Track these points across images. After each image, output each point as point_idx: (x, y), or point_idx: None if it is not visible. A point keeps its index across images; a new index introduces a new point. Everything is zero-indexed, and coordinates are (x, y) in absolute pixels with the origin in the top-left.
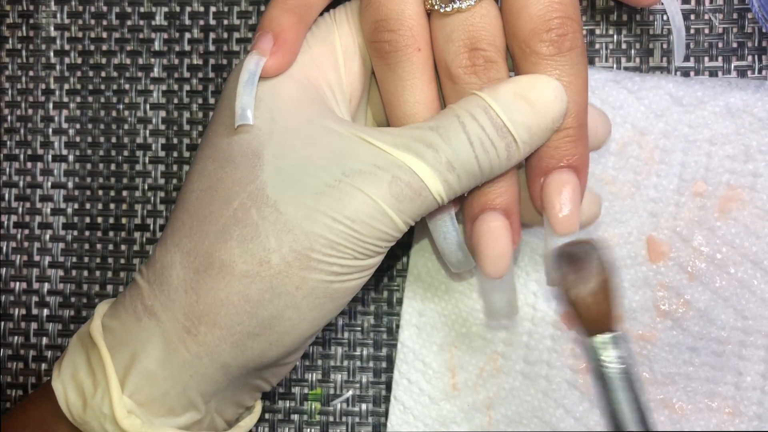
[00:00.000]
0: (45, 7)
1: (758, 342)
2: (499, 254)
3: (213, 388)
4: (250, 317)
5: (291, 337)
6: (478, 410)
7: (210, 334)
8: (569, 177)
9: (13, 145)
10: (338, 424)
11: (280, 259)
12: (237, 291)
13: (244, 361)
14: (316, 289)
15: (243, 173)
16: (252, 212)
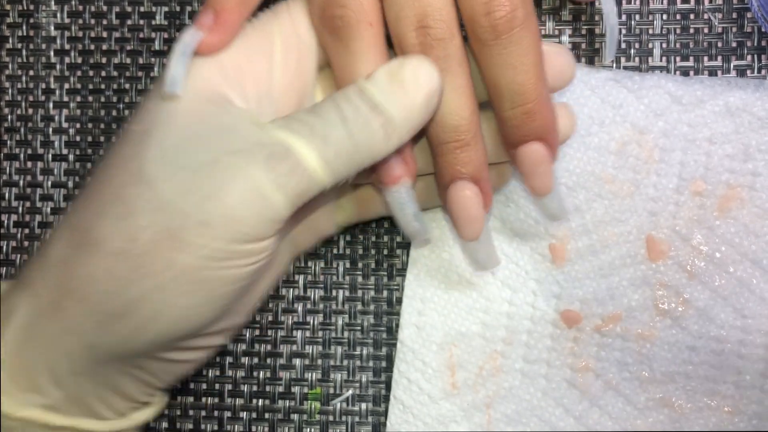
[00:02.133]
0: (45, 7)
1: (757, 341)
2: (472, 219)
3: (81, 368)
4: (115, 296)
5: (159, 323)
6: (478, 409)
7: (76, 310)
8: (537, 148)
9: (14, 145)
10: (338, 423)
11: (149, 238)
12: (105, 268)
13: (110, 343)
14: (186, 272)
15: (131, 150)
16: (130, 189)
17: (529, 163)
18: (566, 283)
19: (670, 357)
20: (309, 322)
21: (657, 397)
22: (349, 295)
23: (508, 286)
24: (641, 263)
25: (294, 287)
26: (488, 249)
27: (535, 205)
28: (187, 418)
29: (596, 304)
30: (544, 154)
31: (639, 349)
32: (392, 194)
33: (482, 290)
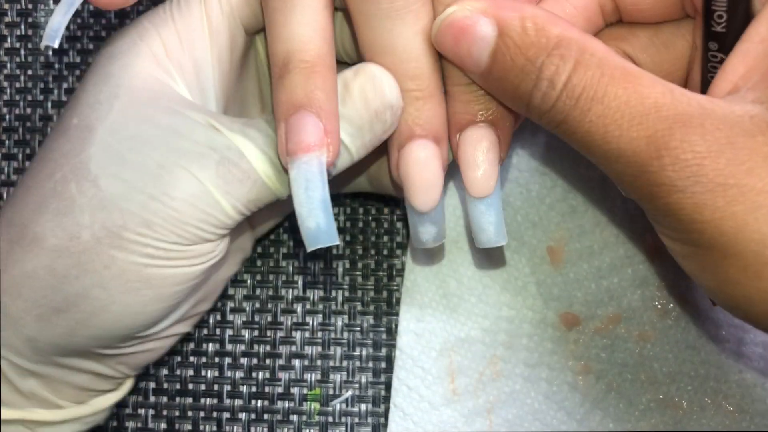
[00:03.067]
0: (44, 6)
1: (757, 339)
2: (428, 185)
3: (24, 362)
4: (54, 292)
5: (101, 319)
6: (479, 414)
7: (13, 306)
8: (485, 133)
9: (12, 145)
10: (337, 424)
11: (91, 236)
12: (44, 264)
13: (51, 337)
14: (128, 271)
15: (72, 146)
16: (71, 186)
17: (472, 151)
18: (565, 286)
19: (671, 357)
20: (308, 323)
21: (659, 397)
22: (348, 296)
23: (507, 290)
24: (640, 263)
25: (293, 288)
26: (438, 224)
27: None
28: (186, 419)
29: (596, 306)
30: (493, 142)
31: (640, 350)
32: (299, 167)
33: (481, 295)
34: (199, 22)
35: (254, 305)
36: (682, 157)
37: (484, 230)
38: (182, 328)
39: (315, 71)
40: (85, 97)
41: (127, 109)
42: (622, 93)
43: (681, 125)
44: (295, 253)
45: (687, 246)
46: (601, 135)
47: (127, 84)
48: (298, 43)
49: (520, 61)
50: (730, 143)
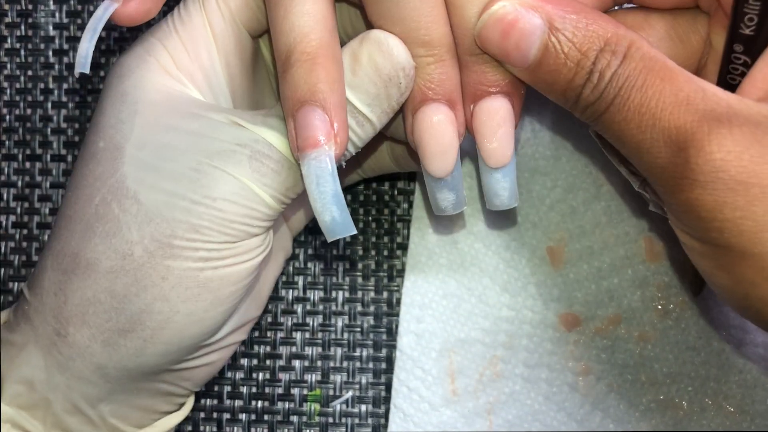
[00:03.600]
0: (44, 7)
1: (758, 339)
2: (444, 149)
3: (95, 390)
4: (117, 313)
5: (167, 332)
6: (479, 415)
7: (79, 335)
8: (501, 103)
9: (12, 145)
10: (338, 425)
11: (143, 251)
12: (103, 288)
13: (119, 360)
14: (185, 278)
15: (104, 168)
16: (113, 206)
17: (488, 122)
18: (565, 286)
19: (672, 358)
20: (308, 324)
21: (659, 398)
22: (348, 296)
23: (507, 290)
24: (640, 264)
25: (293, 288)
26: (457, 190)
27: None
28: (186, 420)
29: (596, 307)
30: (508, 113)
31: (640, 351)
32: (309, 163)
33: (481, 296)
34: (202, 30)
35: None
36: (707, 149)
37: (499, 196)
38: (239, 336)
39: (317, 63)
40: (106, 120)
41: (150, 123)
42: (659, 84)
43: (710, 120)
44: (296, 254)
45: (705, 244)
46: (636, 124)
47: (144, 98)
48: (298, 35)
49: (574, 55)
50: (757, 141)
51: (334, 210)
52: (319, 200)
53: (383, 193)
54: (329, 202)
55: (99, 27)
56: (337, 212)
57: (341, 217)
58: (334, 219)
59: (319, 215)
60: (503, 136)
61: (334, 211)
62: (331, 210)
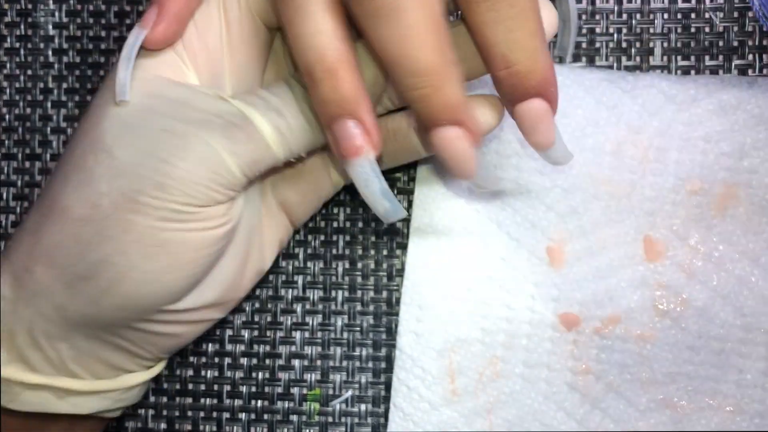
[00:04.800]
0: (43, 6)
1: (758, 339)
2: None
3: (55, 329)
4: (79, 259)
5: (123, 287)
6: (479, 415)
7: (46, 274)
8: (537, 105)
9: (11, 144)
10: (337, 424)
11: (110, 203)
12: (71, 233)
13: (78, 304)
14: (145, 235)
15: (90, 124)
16: (89, 158)
17: (529, 121)
18: (564, 286)
19: (671, 357)
20: (308, 323)
21: (658, 398)
22: (348, 296)
23: (507, 290)
24: (639, 264)
25: (293, 288)
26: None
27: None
28: (186, 419)
29: (595, 307)
30: (545, 110)
31: (639, 351)
32: (354, 169)
33: (480, 295)
34: (216, 12)
35: (254, 305)
36: None
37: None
38: (213, 314)
39: (338, 77)
40: (106, 81)
41: (139, 87)
42: None
43: None
44: (295, 253)
45: None
46: None
47: (143, 65)
48: (314, 54)
49: None
50: None
51: (386, 203)
52: (370, 197)
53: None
54: (379, 197)
55: (133, 55)
56: (388, 204)
57: (392, 206)
58: (386, 210)
59: (373, 208)
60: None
61: (386, 203)
62: (383, 203)
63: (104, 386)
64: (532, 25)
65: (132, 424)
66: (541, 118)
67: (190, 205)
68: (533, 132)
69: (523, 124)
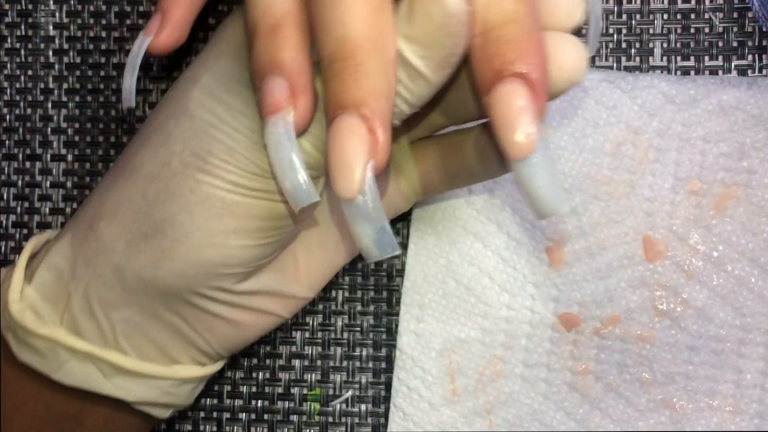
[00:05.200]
0: (44, 6)
1: (757, 339)
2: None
3: (111, 295)
4: (144, 216)
5: (185, 248)
6: (479, 415)
7: (108, 230)
8: (515, 87)
9: (12, 145)
10: (338, 424)
11: (180, 162)
12: (139, 190)
13: (136, 265)
14: (211, 196)
15: (178, 92)
16: (170, 122)
17: (502, 109)
18: (564, 286)
19: (670, 357)
20: (308, 323)
21: (658, 398)
22: (348, 296)
23: (506, 290)
24: (639, 264)
25: None
26: (375, 224)
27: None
28: (186, 419)
29: (595, 307)
30: (525, 97)
31: (639, 351)
32: (267, 129)
33: (480, 295)
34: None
35: None
36: None
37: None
38: (274, 306)
39: (277, 32)
40: (200, 56)
41: (227, 58)
42: None
43: None
44: None
45: None
46: None
47: (233, 44)
48: (262, 8)
49: None
50: None
51: (293, 176)
52: (279, 167)
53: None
54: (287, 168)
55: (137, 63)
56: (297, 178)
57: (303, 183)
58: (294, 186)
59: (279, 183)
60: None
61: (293, 177)
62: (290, 177)
63: (154, 370)
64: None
65: None
66: (522, 108)
67: (257, 175)
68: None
69: (496, 114)
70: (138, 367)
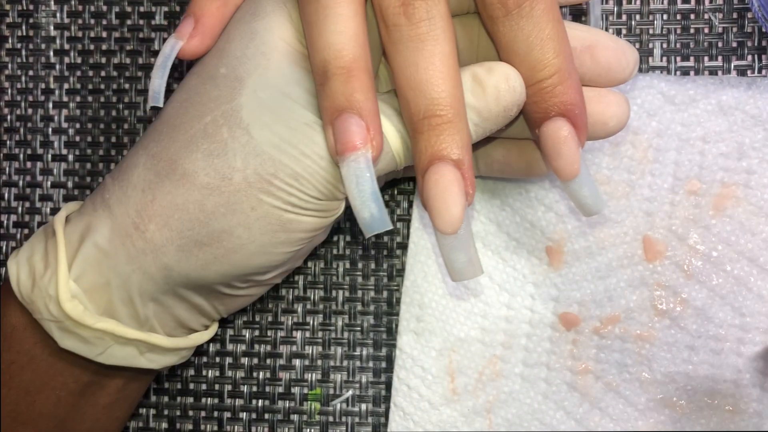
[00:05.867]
0: (45, 7)
1: (756, 339)
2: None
3: (153, 287)
4: (201, 225)
5: (237, 257)
6: (479, 414)
7: (159, 233)
8: (560, 124)
9: (13, 145)
10: (338, 424)
11: (242, 179)
12: (194, 199)
13: (186, 268)
14: (270, 215)
15: (221, 92)
16: (223, 130)
17: (551, 141)
18: (564, 286)
19: (670, 357)
20: (309, 323)
21: (657, 397)
22: (348, 296)
23: (506, 290)
24: (638, 264)
25: (294, 288)
26: (469, 252)
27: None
28: (187, 418)
29: (594, 306)
30: (568, 131)
31: (638, 350)
32: (348, 165)
33: (480, 295)
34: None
35: (255, 305)
36: None
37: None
38: (277, 279)
39: (352, 75)
40: (231, 49)
41: (275, 68)
42: None
43: None
44: None
45: None
46: None
47: (271, 43)
48: (333, 51)
49: None
50: None
51: (373, 207)
52: (358, 198)
53: (383, 193)
54: (368, 200)
55: (168, 64)
56: (375, 209)
57: (379, 213)
58: (372, 215)
59: (358, 213)
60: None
61: (373, 207)
62: (370, 207)
63: (183, 344)
64: (557, 46)
65: (133, 423)
66: (566, 140)
67: (316, 198)
68: (557, 156)
69: (546, 145)
70: (174, 343)
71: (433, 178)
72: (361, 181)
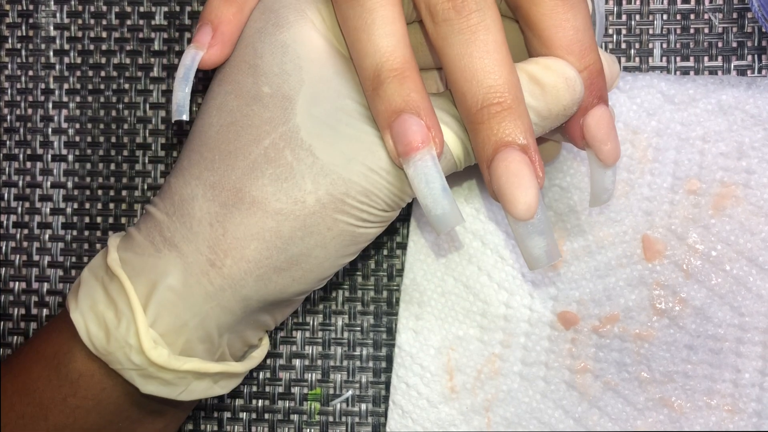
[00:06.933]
0: (45, 7)
1: (755, 338)
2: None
3: (231, 320)
4: (279, 252)
5: (314, 274)
6: (477, 412)
7: (236, 267)
8: (603, 111)
9: (13, 145)
10: (338, 424)
11: (316, 201)
12: (269, 227)
13: (265, 294)
14: (345, 232)
15: (273, 114)
16: (286, 153)
17: (604, 128)
18: (563, 285)
19: (669, 356)
20: (309, 323)
21: (656, 397)
22: (348, 296)
23: (505, 288)
24: (637, 263)
25: None
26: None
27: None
28: (187, 418)
29: (593, 305)
30: (612, 115)
31: (637, 350)
32: (416, 164)
33: (479, 293)
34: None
35: None
36: None
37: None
38: None
39: (405, 76)
40: (267, 66)
41: (319, 82)
42: None
43: None
44: None
45: None
46: None
47: (306, 56)
48: (384, 55)
49: None
50: None
51: (444, 203)
52: (430, 198)
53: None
54: (440, 197)
55: (191, 75)
56: (447, 205)
57: (451, 208)
58: (444, 212)
59: (430, 211)
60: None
61: (444, 204)
62: (442, 204)
63: (250, 365)
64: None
65: None
66: (612, 124)
67: (384, 211)
68: (605, 141)
69: (598, 132)
70: (244, 368)
71: (502, 165)
72: (431, 179)
